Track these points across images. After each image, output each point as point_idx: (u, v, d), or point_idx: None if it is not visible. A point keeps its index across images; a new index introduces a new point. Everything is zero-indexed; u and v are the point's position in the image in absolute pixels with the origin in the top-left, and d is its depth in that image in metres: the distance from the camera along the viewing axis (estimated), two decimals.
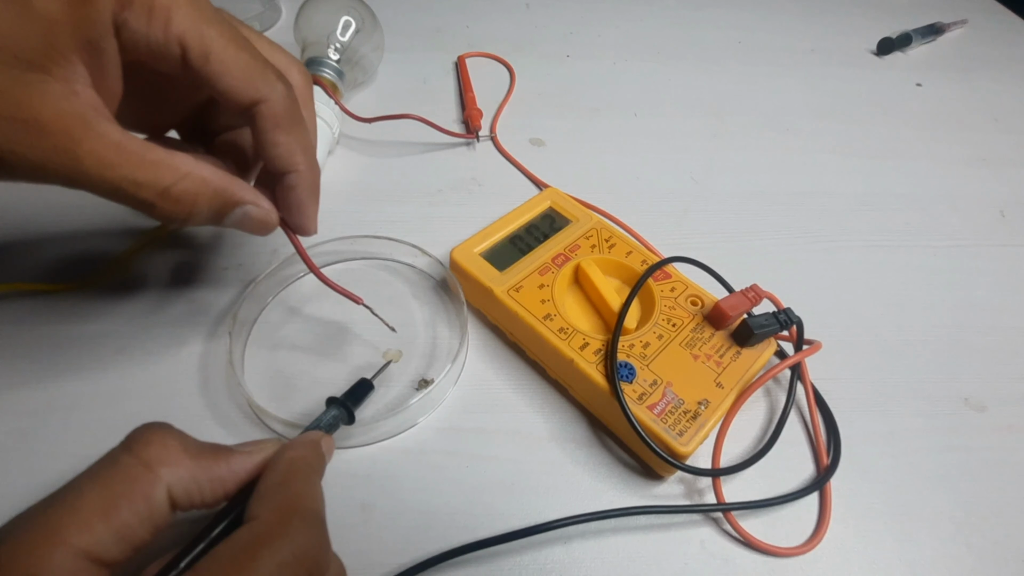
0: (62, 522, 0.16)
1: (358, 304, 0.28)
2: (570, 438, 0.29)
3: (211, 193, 0.22)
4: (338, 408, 0.25)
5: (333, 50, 0.43)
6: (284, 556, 0.16)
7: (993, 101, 0.57)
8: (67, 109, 0.19)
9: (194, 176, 0.21)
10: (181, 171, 0.21)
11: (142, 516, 0.17)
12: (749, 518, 0.27)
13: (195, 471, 0.18)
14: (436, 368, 0.30)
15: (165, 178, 0.21)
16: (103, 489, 0.17)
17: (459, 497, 0.26)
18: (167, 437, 0.18)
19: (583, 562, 0.25)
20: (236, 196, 0.23)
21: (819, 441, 0.29)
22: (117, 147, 0.20)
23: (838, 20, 0.67)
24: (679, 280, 0.32)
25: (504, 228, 0.34)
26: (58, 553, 0.15)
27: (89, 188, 0.20)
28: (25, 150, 0.18)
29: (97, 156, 0.19)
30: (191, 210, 0.22)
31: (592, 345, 0.28)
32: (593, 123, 0.48)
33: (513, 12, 0.62)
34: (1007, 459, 0.30)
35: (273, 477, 0.19)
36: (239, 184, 0.23)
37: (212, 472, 0.19)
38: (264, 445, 0.20)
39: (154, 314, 0.31)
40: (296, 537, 0.17)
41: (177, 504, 0.18)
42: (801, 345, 0.30)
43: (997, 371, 0.34)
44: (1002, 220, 0.44)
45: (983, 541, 0.27)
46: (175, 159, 0.21)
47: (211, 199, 0.22)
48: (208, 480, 0.18)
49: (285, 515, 0.17)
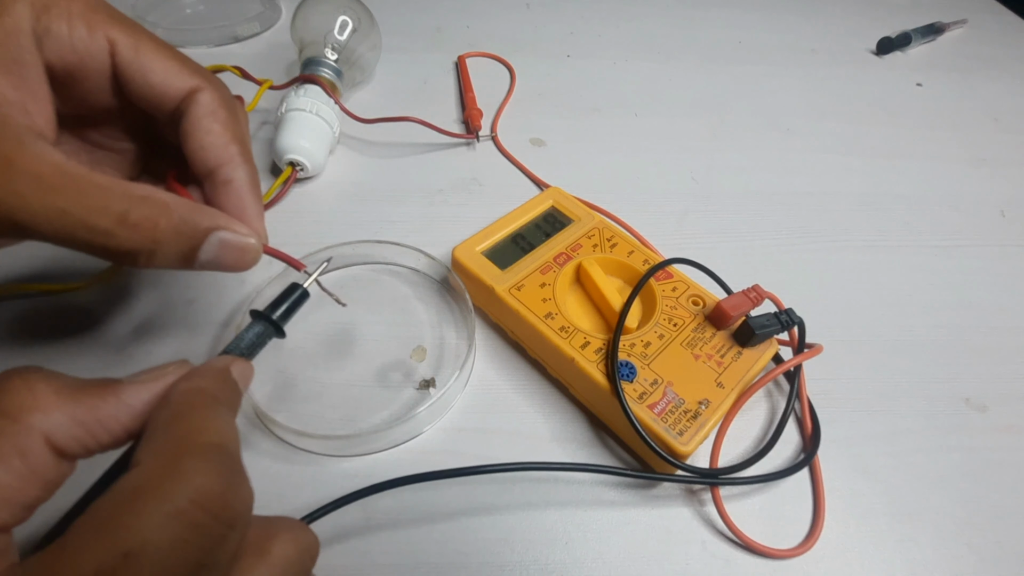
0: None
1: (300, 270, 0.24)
2: (571, 438, 0.29)
3: (176, 220, 0.19)
4: (263, 324, 0.21)
5: (331, 50, 0.43)
6: (177, 503, 0.13)
7: (993, 101, 0.57)
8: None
9: (154, 199, 0.18)
10: (137, 194, 0.18)
11: (21, 473, 0.14)
12: (749, 521, 0.27)
13: (76, 412, 0.15)
14: (444, 373, 0.30)
15: (119, 202, 0.17)
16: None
17: (460, 497, 0.26)
18: (33, 380, 0.15)
19: (584, 562, 0.25)
20: (205, 222, 0.19)
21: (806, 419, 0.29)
22: (58, 169, 0.17)
23: (838, 20, 0.67)
24: (681, 280, 0.32)
25: (506, 227, 0.34)
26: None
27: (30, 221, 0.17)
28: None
29: (39, 179, 0.16)
30: (154, 238, 0.18)
31: (593, 344, 0.28)
32: (594, 123, 0.48)
33: (513, 12, 0.61)
34: (1008, 459, 0.30)
35: (163, 415, 0.16)
36: (207, 209, 0.20)
37: (100, 411, 0.16)
38: (163, 371, 0.17)
39: (157, 316, 0.31)
40: (192, 478, 0.14)
41: (66, 452, 0.15)
42: (803, 347, 0.30)
43: (998, 371, 0.34)
44: (1002, 220, 0.44)
45: (984, 541, 0.27)
46: (127, 184, 0.18)
47: (177, 226, 0.19)
48: (96, 420, 0.16)
49: (174, 456, 0.14)
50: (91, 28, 0.19)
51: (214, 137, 0.21)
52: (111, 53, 0.19)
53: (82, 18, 0.19)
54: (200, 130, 0.21)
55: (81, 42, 0.19)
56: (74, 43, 0.19)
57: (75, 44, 0.19)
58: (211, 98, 0.21)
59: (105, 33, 0.19)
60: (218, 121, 0.21)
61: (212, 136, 0.21)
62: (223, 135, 0.21)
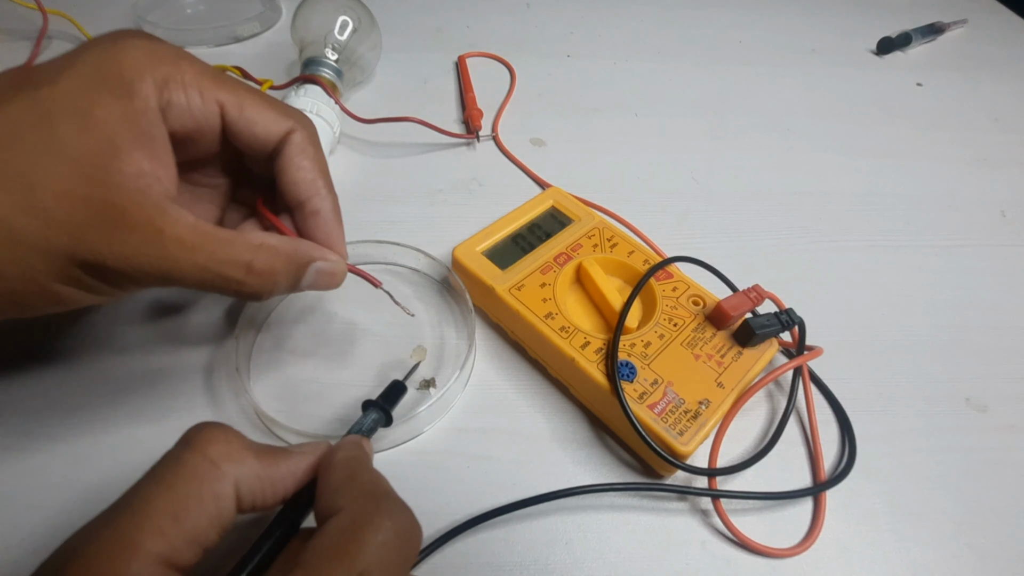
0: (136, 530, 0.15)
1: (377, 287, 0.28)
2: (571, 438, 0.29)
3: (285, 260, 0.23)
4: (377, 411, 0.25)
5: (331, 50, 0.43)
6: (386, 535, 0.16)
7: (993, 101, 0.57)
8: (143, 202, 0.19)
9: (268, 247, 0.22)
10: (254, 243, 0.22)
11: (211, 516, 0.17)
12: (749, 521, 0.27)
13: (259, 469, 0.18)
14: (444, 372, 0.30)
15: (244, 253, 0.21)
16: (170, 491, 0.16)
17: (460, 498, 0.26)
18: (229, 434, 0.18)
19: (585, 562, 0.25)
20: (305, 255, 0.24)
21: (817, 448, 0.29)
22: (195, 230, 0.20)
23: (838, 20, 0.67)
24: (681, 280, 0.32)
25: (506, 227, 0.34)
26: (135, 562, 0.15)
27: (179, 276, 0.20)
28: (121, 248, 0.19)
29: (180, 241, 0.20)
30: (273, 280, 0.22)
31: (593, 344, 0.28)
32: (594, 123, 0.48)
33: (514, 12, 0.61)
34: (1008, 459, 0.30)
35: (337, 474, 0.19)
36: (302, 243, 0.24)
37: (274, 470, 0.19)
38: (315, 446, 0.21)
39: (159, 319, 0.31)
40: (393, 516, 0.17)
41: (242, 503, 0.18)
42: (803, 348, 0.30)
43: (998, 371, 0.34)
44: (1003, 220, 0.44)
45: (984, 541, 0.27)
46: (243, 234, 0.22)
47: (286, 266, 0.23)
48: (270, 479, 0.19)
49: (372, 499, 0.18)
50: (204, 95, 0.22)
51: (304, 173, 0.24)
52: (221, 114, 0.22)
53: (195, 87, 0.21)
54: (292, 167, 0.24)
55: (198, 109, 0.22)
56: (192, 111, 0.21)
57: (193, 112, 0.21)
58: (302, 137, 0.24)
59: (215, 97, 0.22)
60: (307, 158, 0.24)
61: (303, 172, 0.24)
62: (312, 170, 0.24)
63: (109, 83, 0.19)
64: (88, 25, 0.48)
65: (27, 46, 0.47)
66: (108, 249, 0.19)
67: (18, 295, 0.19)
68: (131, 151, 0.19)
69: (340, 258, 0.25)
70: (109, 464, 0.26)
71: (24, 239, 0.18)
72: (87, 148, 0.19)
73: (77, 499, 0.25)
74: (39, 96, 0.18)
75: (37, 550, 0.23)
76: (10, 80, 0.19)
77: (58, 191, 0.18)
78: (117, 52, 0.20)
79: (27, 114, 0.18)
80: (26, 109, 0.18)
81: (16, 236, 0.18)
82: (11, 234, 0.18)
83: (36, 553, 0.23)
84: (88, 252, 0.18)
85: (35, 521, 0.24)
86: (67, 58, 0.20)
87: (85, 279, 0.19)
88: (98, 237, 0.19)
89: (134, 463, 0.26)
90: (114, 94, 0.19)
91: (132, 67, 0.20)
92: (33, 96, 0.18)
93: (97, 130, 0.19)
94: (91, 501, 0.25)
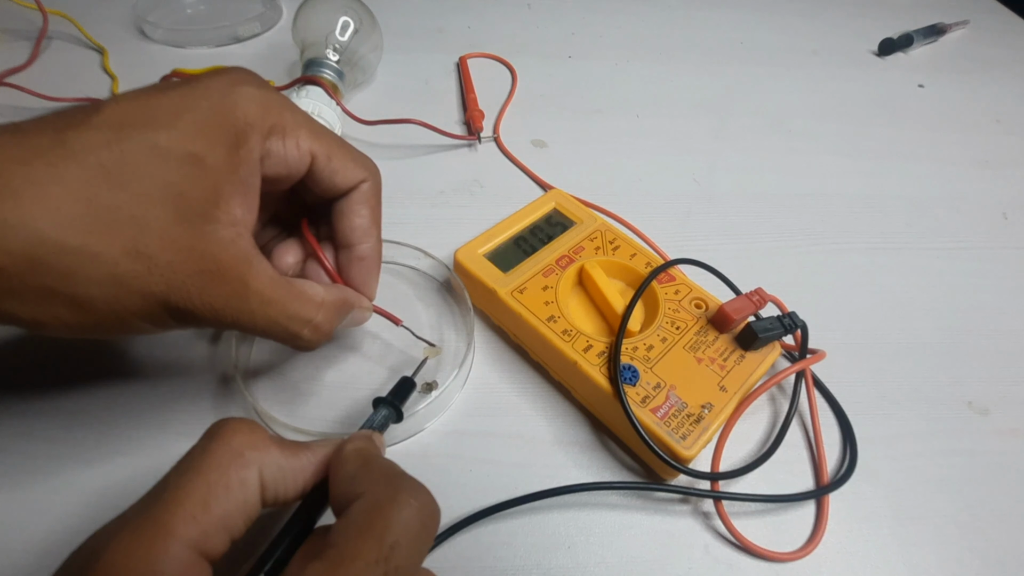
0: (168, 516, 0.16)
1: (397, 325, 0.29)
2: (573, 441, 0.29)
3: (335, 313, 0.24)
4: (387, 408, 0.25)
5: (332, 51, 0.43)
6: (410, 511, 0.17)
7: (995, 102, 0.57)
8: (236, 253, 0.20)
9: (329, 305, 0.24)
10: (317, 300, 0.23)
11: (239, 503, 0.17)
12: (751, 524, 0.27)
13: (280, 459, 0.19)
14: (444, 372, 0.30)
15: (311, 311, 0.23)
16: (199, 479, 0.17)
17: (461, 500, 0.26)
18: (252, 426, 0.19)
19: (587, 566, 0.25)
20: (347, 305, 0.25)
21: (819, 451, 0.29)
22: (274, 283, 0.21)
23: (840, 21, 0.67)
24: (683, 283, 0.32)
25: (508, 229, 0.34)
26: (172, 548, 0.16)
27: (250, 326, 0.21)
28: (211, 299, 0.20)
29: (261, 295, 0.21)
30: (327, 335, 0.24)
31: (595, 347, 0.28)
32: (595, 124, 0.48)
33: (515, 13, 0.61)
34: (1010, 463, 0.30)
35: (351, 464, 0.19)
36: (345, 291, 0.25)
37: (295, 462, 0.19)
38: (326, 442, 0.21)
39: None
40: (415, 493, 0.18)
41: (265, 494, 0.18)
42: (806, 352, 0.30)
43: (1000, 374, 0.34)
44: (1005, 222, 0.44)
45: (987, 545, 0.27)
46: (308, 289, 0.23)
47: (335, 319, 0.24)
48: (291, 469, 0.19)
49: (391, 481, 0.18)
50: (300, 146, 0.22)
51: (363, 220, 0.25)
52: (310, 163, 0.23)
53: (292, 137, 0.22)
54: (354, 213, 0.25)
55: (293, 159, 0.22)
56: (287, 160, 0.22)
57: (288, 161, 0.22)
58: (369, 187, 0.25)
59: (309, 148, 0.23)
60: (369, 207, 0.25)
61: (362, 220, 0.25)
62: (370, 218, 0.25)
63: (224, 131, 0.20)
64: (88, 25, 0.48)
65: (27, 46, 0.47)
66: (200, 300, 0.19)
67: (100, 327, 0.19)
68: (229, 198, 0.20)
69: (370, 303, 0.27)
70: (111, 466, 0.26)
71: (127, 282, 0.18)
72: (195, 195, 0.19)
73: (79, 502, 0.24)
74: (158, 140, 0.19)
75: (40, 553, 0.23)
76: (124, 114, 0.19)
77: (164, 237, 0.18)
78: (234, 99, 0.20)
79: (144, 156, 0.18)
80: (143, 152, 0.18)
81: (120, 279, 0.18)
82: (115, 277, 0.18)
83: (41, 556, 0.23)
84: (181, 300, 0.19)
85: (39, 524, 0.24)
86: (183, 97, 0.20)
87: (167, 320, 0.20)
88: (193, 287, 0.19)
89: (136, 464, 0.26)
90: (226, 144, 0.20)
91: (246, 117, 0.20)
92: (152, 139, 0.19)
93: (207, 178, 0.19)
94: (92, 504, 0.25)
